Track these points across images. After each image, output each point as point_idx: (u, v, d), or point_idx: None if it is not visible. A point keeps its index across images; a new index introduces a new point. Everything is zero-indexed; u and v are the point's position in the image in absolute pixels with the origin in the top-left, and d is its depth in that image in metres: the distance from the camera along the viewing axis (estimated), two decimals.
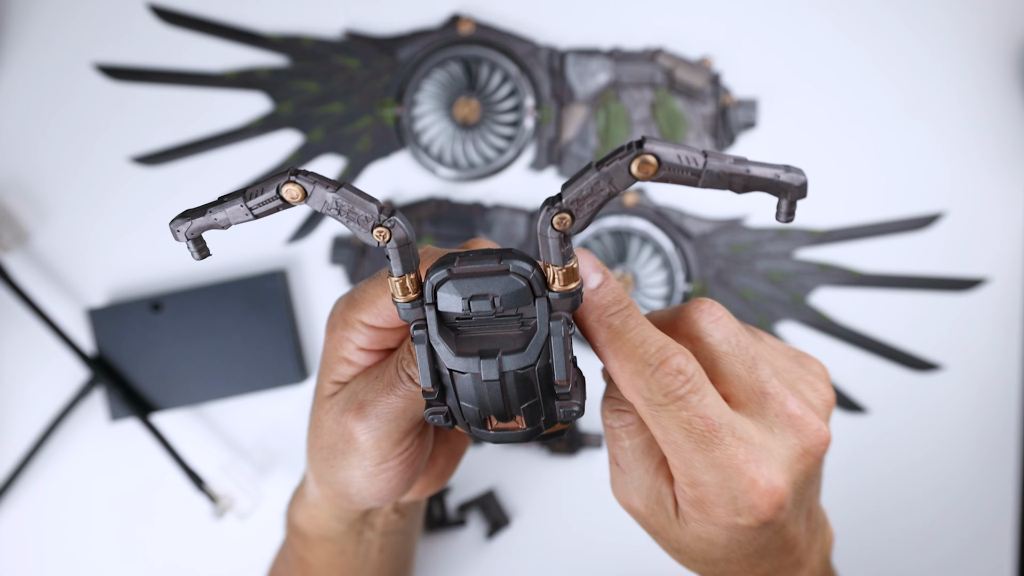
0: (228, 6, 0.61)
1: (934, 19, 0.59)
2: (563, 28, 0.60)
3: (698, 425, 0.27)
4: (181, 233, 0.27)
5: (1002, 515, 0.59)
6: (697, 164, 0.24)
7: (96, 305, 0.60)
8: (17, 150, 0.61)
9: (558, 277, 0.27)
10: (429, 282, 0.28)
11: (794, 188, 0.25)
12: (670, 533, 0.31)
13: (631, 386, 0.27)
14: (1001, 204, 0.59)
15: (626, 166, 0.24)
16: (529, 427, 0.30)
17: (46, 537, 0.61)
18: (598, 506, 0.60)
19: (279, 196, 0.26)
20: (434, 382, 0.29)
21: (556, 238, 0.26)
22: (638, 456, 0.30)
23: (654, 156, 0.24)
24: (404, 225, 0.26)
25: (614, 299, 0.28)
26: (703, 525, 0.29)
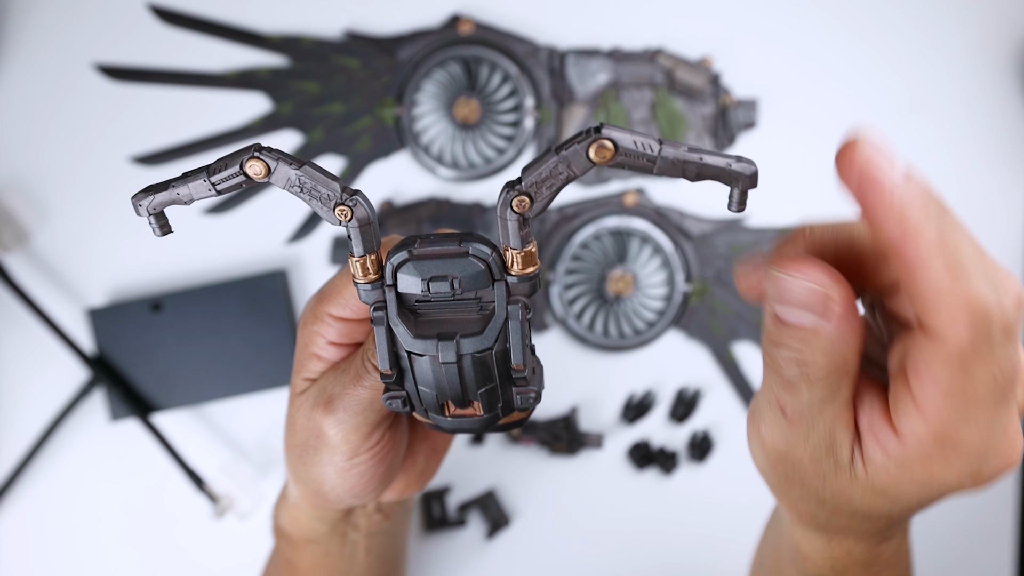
0: (228, 6, 0.61)
1: (934, 19, 0.59)
2: (563, 28, 0.60)
3: (1008, 376, 0.22)
4: (143, 208, 0.27)
5: (1002, 515, 0.59)
6: (652, 151, 0.24)
7: (96, 305, 0.60)
8: (18, 150, 0.61)
9: (517, 260, 0.27)
10: (390, 263, 0.28)
11: (744, 177, 0.24)
12: (829, 486, 0.26)
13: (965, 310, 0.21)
14: (1001, 203, 0.59)
15: (584, 150, 0.24)
16: (486, 414, 0.30)
17: (47, 536, 0.61)
18: (598, 506, 0.60)
19: (242, 172, 0.26)
20: (392, 365, 0.29)
21: (515, 220, 0.26)
22: (817, 405, 0.25)
23: (611, 141, 0.24)
24: (366, 204, 0.27)
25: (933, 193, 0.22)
26: (904, 483, 0.25)
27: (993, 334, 0.21)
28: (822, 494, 0.27)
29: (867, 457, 0.25)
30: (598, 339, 0.59)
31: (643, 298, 0.59)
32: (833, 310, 0.23)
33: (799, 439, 0.26)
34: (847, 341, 0.23)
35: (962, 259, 0.21)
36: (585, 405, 0.60)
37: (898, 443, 0.24)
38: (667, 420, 0.60)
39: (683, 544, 0.59)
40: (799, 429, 0.25)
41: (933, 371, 0.22)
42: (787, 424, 0.26)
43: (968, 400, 0.22)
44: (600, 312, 0.60)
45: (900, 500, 0.26)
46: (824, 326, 0.23)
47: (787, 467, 0.27)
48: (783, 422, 0.26)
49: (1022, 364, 0.22)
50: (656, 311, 0.59)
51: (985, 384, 0.22)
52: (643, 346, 0.60)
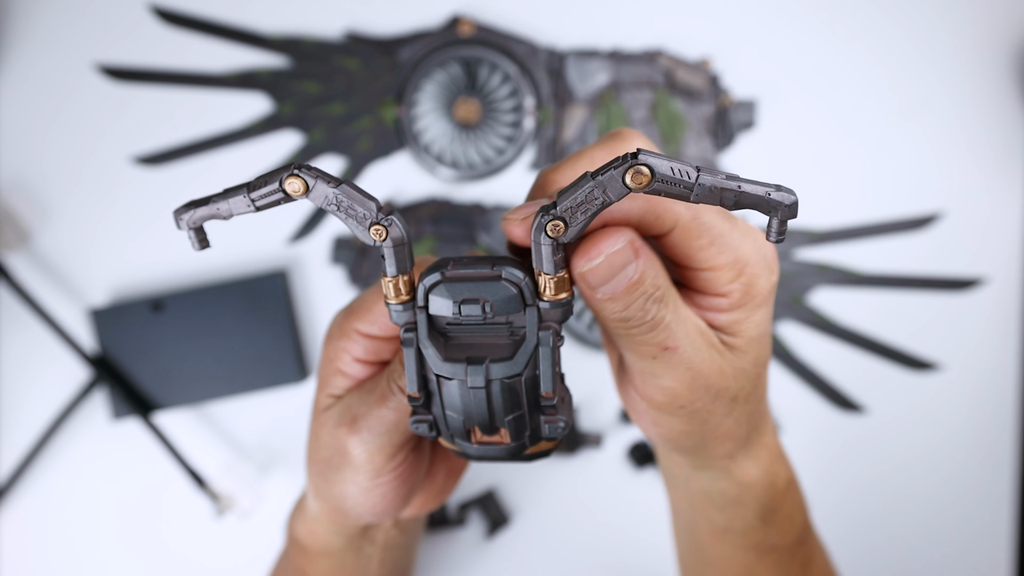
0: (229, 7, 0.61)
1: (933, 20, 0.59)
2: (563, 29, 0.60)
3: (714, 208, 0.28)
4: (184, 222, 0.27)
5: (1000, 514, 0.59)
6: (690, 178, 0.24)
7: (98, 305, 0.60)
8: (19, 150, 0.62)
9: (549, 286, 0.27)
10: (422, 284, 0.28)
11: (784, 207, 0.24)
12: (729, 372, 0.31)
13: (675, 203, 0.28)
14: (999, 204, 0.59)
15: (620, 176, 0.24)
16: (514, 442, 0.29)
17: (48, 536, 0.61)
18: (598, 506, 0.60)
19: (281, 189, 0.26)
20: (420, 387, 0.29)
21: (549, 245, 0.26)
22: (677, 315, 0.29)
23: (648, 167, 0.24)
24: (401, 225, 0.27)
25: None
26: (755, 315, 0.30)
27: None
28: (732, 388, 0.31)
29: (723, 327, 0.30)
30: (598, 339, 0.59)
31: None
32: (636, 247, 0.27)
33: (691, 353, 0.29)
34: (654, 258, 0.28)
35: None
36: (585, 405, 0.60)
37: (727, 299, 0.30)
38: None
39: None
40: (685, 346, 0.29)
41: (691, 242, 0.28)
42: (674, 354, 0.29)
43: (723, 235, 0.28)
44: None
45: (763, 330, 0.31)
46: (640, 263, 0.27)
47: (701, 393, 0.30)
48: (672, 356, 0.29)
49: None
50: None
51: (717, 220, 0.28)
52: None
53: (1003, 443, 0.59)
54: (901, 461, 0.59)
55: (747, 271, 0.29)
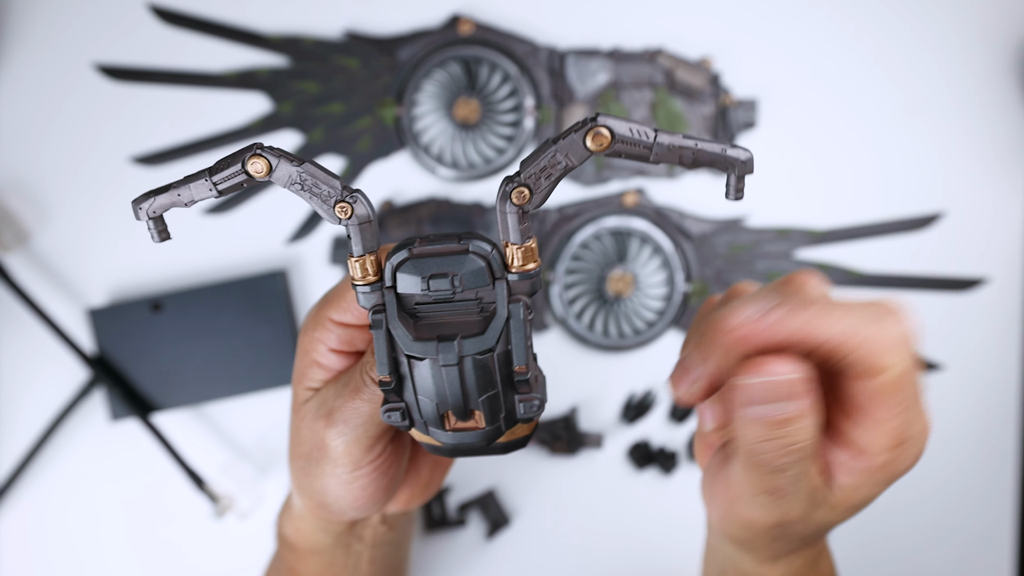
0: (228, 6, 0.61)
1: (934, 19, 0.59)
2: (563, 28, 0.60)
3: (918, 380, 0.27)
4: (143, 211, 0.26)
5: (1002, 514, 0.59)
6: (648, 138, 0.25)
7: (97, 305, 0.60)
8: (18, 150, 0.61)
9: (517, 256, 0.27)
10: (389, 263, 0.27)
11: (740, 163, 0.25)
12: (815, 521, 0.29)
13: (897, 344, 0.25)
14: (1000, 204, 0.59)
15: (581, 139, 0.25)
16: (489, 426, 0.29)
17: (47, 536, 0.61)
18: (598, 506, 0.60)
19: (244, 170, 0.26)
20: (391, 371, 0.28)
21: (515, 213, 0.26)
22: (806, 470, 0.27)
23: (607, 129, 0.24)
24: (366, 203, 0.27)
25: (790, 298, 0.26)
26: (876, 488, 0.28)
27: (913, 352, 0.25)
28: (807, 533, 0.30)
29: (842, 486, 0.28)
30: (598, 339, 0.59)
31: (643, 298, 0.59)
32: (804, 388, 0.25)
33: (792, 505, 0.28)
34: (818, 408, 0.26)
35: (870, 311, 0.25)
36: (585, 405, 0.60)
37: (867, 462, 0.27)
38: (667, 420, 0.60)
39: (683, 544, 0.59)
40: (791, 498, 0.27)
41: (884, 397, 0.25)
42: (778, 499, 0.27)
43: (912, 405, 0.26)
44: (600, 312, 0.60)
45: (866, 503, 0.29)
46: (803, 406, 0.25)
47: (779, 530, 0.29)
48: (771, 502, 0.28)
49: None
50: (656, 311, 0.59)
51: (917, 388, 0.26)
52: (643, 346, 0.60)
53: (1005, 443, 0.59)
54: None
55: (904, 447, 0.27)
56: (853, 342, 0.24)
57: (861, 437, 0.27)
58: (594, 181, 0.60)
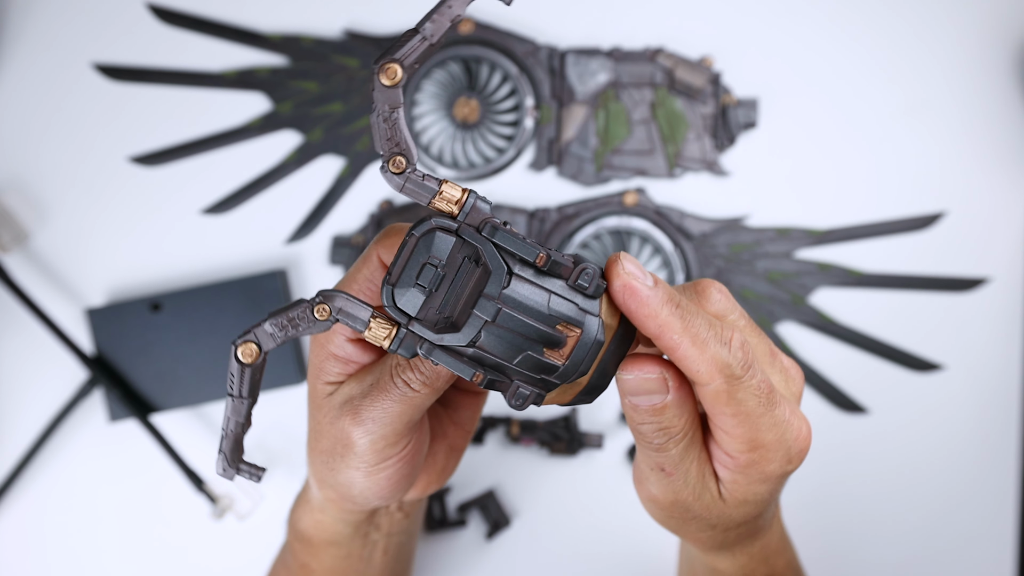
0: (228, 6, 0.61)
1: (934, 19, 0.59)
2: (563, 28, 0.60)
3: (764, 388, 0.30)
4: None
5: (1003, 515, 0.58)
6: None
7: (95, 305, 0.60)
8: (17, 150, 0.61)
9: (444, 198, 0.28)
10: (387, 310, 0.29)
11: None
12: (712, 511, 0.34)
13: (714, 366, 0.29)
14: (1001, 204, 0.59)
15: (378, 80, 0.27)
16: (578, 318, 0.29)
17: (46, 537, 0.61)
18: (598, 506, 0.60)
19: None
20: (474, 372, 0.29)
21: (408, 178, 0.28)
22: (687, 451, 0.32)
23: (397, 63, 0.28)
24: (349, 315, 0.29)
25: (670, 292, 0.30)
26: (752, 486, 0.32)
27: (735, 371, 0.29)
28: (711, 521, 0.34)
29: (723, 480, 0.33)
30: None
31: None
32: (668, 386, 0.30)
33: (681, 485, 0.33)
34: (686, 402, 0.31)
35: (700, 333, 0.29)
36: (585, 406, 0.60)
37: (733, 461, 0.32)
38: None
39: None
40: (678, 477, 0.32)
41: (718, 407, 0.30)
42: (668, 478, 0.33)
43: (749, 415, 0.30)
44: None
45: (759, 499, 0.33)
46: (667, 398, 0.30)
47: (680, 510, 0.34)
48: (665, 478, 0.33)
49: (767, 377, 0.31)
50: None
51: (753, 401, 0.30)
52: None
53: (1007, 444, 0.58)
54: (904, 463, 0.59)
55: (760, 452, 0.31)
56: (677, 355, 0.29)
57: (720, 439, 0.32)
58: (594, 181, 0.60)
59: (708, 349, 0.29)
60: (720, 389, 0.29)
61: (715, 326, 0.29)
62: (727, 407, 0.30)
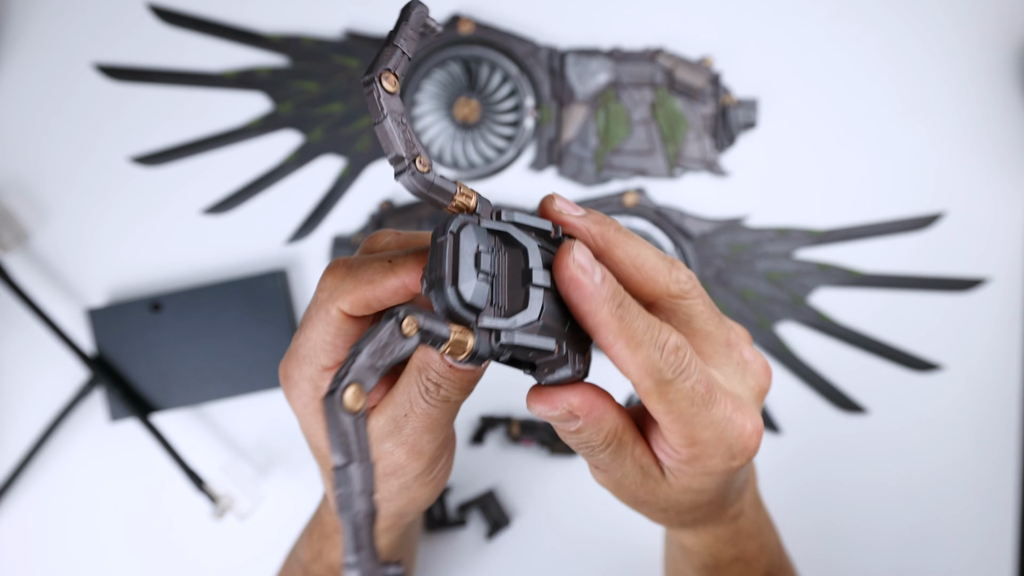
0: (228, 6, 0.61)
1: (934, 19, 0.59)
2: (563, 28, 0.60)
3: (699, 390, 0.30)
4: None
5: (1002, 515, 0.58)
6: None
7: (96, 305, 0.60)
8: (17, 150, 0.61)
9: (464, 194, 0.28)
10: (458, 311, 0.27)
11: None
12: (659, 496, 0.34)
13: (644, 369, 0.29)
14: (1001, 204, 0.59)
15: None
16: None
17: (46, 537, 0.61)
18: (598, 506, 0.60)
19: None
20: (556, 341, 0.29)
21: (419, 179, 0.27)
22: (616, 454, 0.32)
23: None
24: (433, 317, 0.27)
25: (615, 290, 0.29)
26: (697, 478, 0.32)
27: (665, 375, 0.29)
28: (660, 504, 0.34)
29: (667, 468, 0.32)
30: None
31: None
32: (577, 416, 0.30)
33: (620, 477, 0.33)
34: (603, 420, 0.31)
35: (636, 335, 0.29)
36: None
37: (675, 454, 0.32)
38: None
39: None
40: (613, 473, 0.33)
41: (651, 405, 0.30)
42: (603, 472, 0.33)
43: (683, 414, 0.30)
44: None
45: (706, 488, 0.33)
46: (580, 423, 0.30)
47: (626, 494, 0.34)
48: (601, 473, 0.34)
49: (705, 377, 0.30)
50: None
51: (685, 402, 0.30)
52: None
53: (1006, 444, 0.59)
54: (903, 462, 0.59)
55: (699, 447, 0.31)
56: (610, 354, 0.29)
57: (662, 432, 0.32)
58: (594, 181, 0.60)
59: (640, 352, 0.29)
60: (650, 390, 0.29)
61: (652, 328, 0.29)
62: (659, 405, 0.30)
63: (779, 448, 0.59)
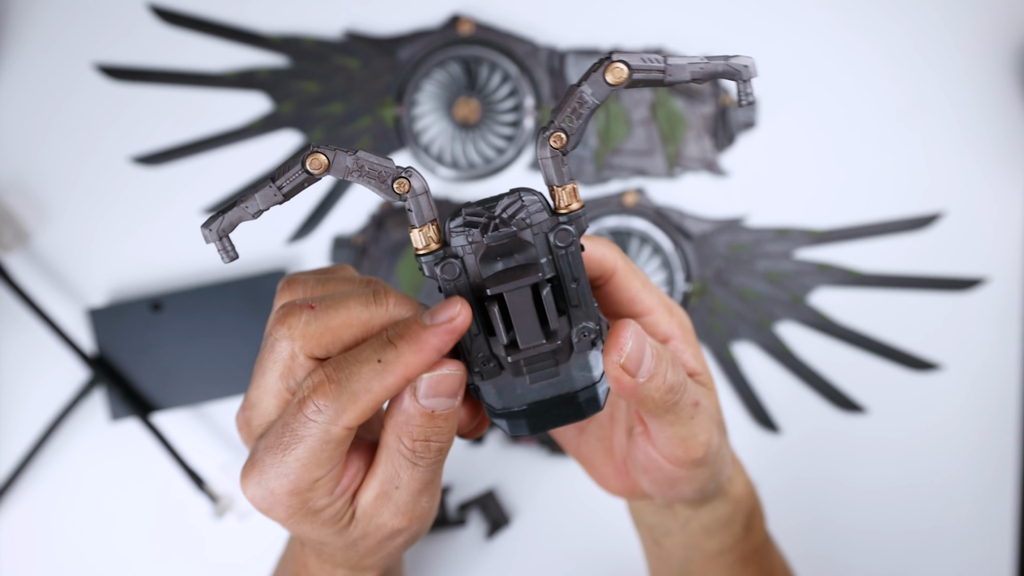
0: (228, 6, 0.61)
1: (934, 19, 0.59)
2: (563, 28, 0.60)
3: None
4: (212, 232, 0.27)
5: (1002, 515, 0.59)
6: (659, 63, 0.27)
7: (97, 305, 0.60)
8: (18, 150, 0.61)
9: (562, 197, 0.29)
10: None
11: (743, 69, 0.28)
12: (716, 402, 0.35)
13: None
14: (1001, 204, 0.59)
15: (601, 76, 0.27)
16: None
17: (47, 537, 0.61)
18: (598, 506, 0.60)
19: (304, 170, 0.27)
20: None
21: (556, 158, 0.28)
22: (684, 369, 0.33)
23: (623, 63, 0.27)
24: (420, 176, 0.28)
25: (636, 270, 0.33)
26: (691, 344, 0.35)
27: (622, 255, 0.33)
28: (719, 416, 0.35)
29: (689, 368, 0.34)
30: None
31: None
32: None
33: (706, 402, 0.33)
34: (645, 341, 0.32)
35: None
36: None
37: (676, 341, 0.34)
38: None
39: None
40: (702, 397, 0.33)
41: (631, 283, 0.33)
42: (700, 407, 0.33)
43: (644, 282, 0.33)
44: None
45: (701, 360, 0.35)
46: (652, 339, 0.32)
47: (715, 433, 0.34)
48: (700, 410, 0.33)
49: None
50: None
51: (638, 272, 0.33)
52: None
53: (1005, 443, 0.59)
54: (902, 462, 0.59)
55: (674, 311, 0.33)
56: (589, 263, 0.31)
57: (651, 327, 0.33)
58: (594, 181, 0.60)
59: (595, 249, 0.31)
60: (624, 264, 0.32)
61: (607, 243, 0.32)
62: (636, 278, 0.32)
63: (778, 448, 0.59)
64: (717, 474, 0.36)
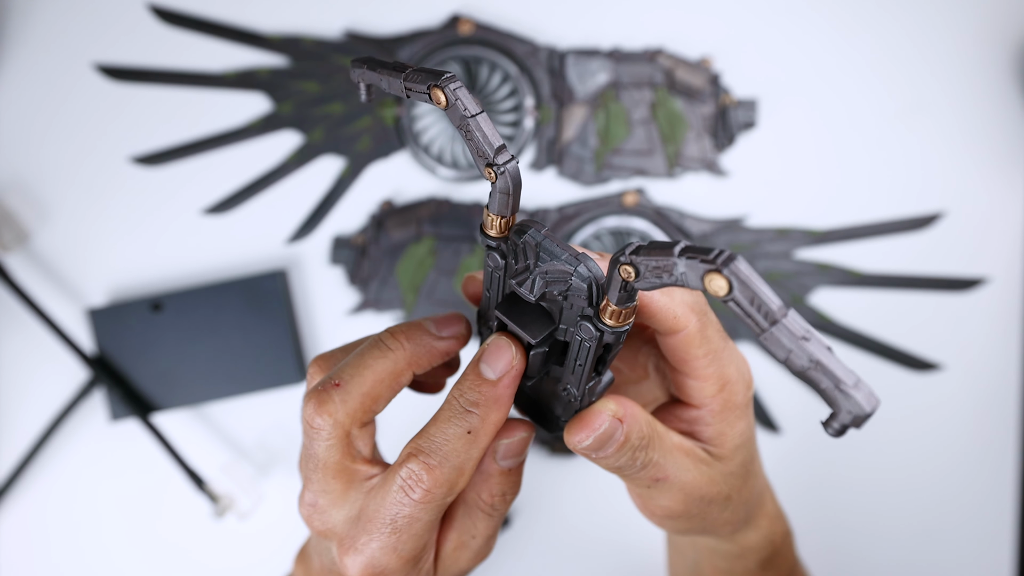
0: (228, 6, 0.61)
1: (934, 19, 0.59)
2: (563, 28, 0.60)
3: (719, 327, 0.32)
4: (356, 74, 0.28)
5: (1002, 514, 0.59)
6: (765, 319, 0.20)
7: (96, 305, 0.60)
8: (18, 150, 0.61)
9: (609, 313, 0.27)
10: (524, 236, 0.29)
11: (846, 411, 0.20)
12: (716, 478, 0.34)
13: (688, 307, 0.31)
14: (1001, 204, 0.59)
15: (699, 274, 0.21)
16: None
17: (47, 537, 0.61)
18: (598, 506, 0.60)
19: (427, 93, 0.27)
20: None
21: (619, 284, 0.25)
22: (663, 451, 0.32)
23: (728, 283, 0.20)
24: (512, 175, 0.28)
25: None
26: (732, 425, 0.33)
27: (702, 307, 0.31)
28: (722, 489, 0.34)
29: (707, 440, 0.33)
30: None
31: None
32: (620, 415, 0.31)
33: (679, 477, 0.32)
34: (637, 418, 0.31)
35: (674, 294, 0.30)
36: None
37: (708, 411, 0.33)
38: None
39: None
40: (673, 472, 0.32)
41: (691, 351, 0.31)
42: (665, 482, 0.33)
43: (716, 352, 0.31)
44: None
45: (743, 436, 0.34)
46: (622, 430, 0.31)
47: (695, 501, 0.34)
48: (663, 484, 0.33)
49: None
50: None
51: (717, 336, 0.31)
52: None
53: (1005, 443, 0.59)
54: (903, 462, 0.59)
55: (728, 387, 0.32)
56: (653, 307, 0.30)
57: (692, 393, 0.33)
58: (594, 181, 0.60)
59: (675, 295, 0.30)
60: (697, 330, 0.30)
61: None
62: (699, 348, 0.31)
63: (779, 447, 0.59)
64: (696, 529, 0.36)
